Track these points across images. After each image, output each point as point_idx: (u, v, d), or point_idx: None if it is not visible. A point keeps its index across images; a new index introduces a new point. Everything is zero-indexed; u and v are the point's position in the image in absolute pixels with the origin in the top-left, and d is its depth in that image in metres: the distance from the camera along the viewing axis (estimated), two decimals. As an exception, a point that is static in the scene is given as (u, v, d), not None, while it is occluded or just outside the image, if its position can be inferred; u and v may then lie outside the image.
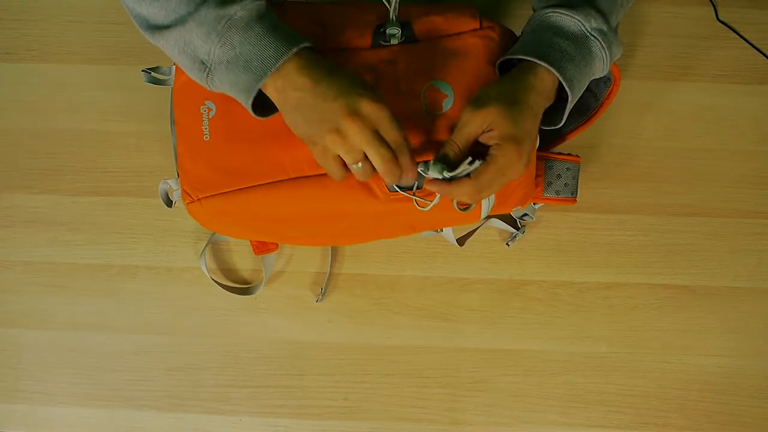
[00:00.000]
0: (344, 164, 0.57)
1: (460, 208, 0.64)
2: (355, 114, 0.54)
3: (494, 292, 0.78)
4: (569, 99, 0.60)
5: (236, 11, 0.56)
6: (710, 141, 0.80)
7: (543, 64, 0.58)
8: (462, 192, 0.58)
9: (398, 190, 0.62)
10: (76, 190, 0.81)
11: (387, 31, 0.64)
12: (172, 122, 0.67)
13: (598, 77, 0.64)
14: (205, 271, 0.77)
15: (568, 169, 0.72)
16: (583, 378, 0.77)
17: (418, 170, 0.58)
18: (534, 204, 0.75)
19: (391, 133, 0.55)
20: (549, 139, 0.77)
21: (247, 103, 0.57)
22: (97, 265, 0.80)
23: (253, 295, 0.78)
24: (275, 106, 0.60)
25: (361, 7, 0.67)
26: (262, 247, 0.76)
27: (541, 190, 0.72)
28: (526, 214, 0.76)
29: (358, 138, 0.54)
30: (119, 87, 0.82)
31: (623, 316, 0.78)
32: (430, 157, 0.59)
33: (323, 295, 0.78)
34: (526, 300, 0.78)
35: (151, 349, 0.79)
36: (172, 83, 0.68)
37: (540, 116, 0.61)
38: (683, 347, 0.77)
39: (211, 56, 0.57)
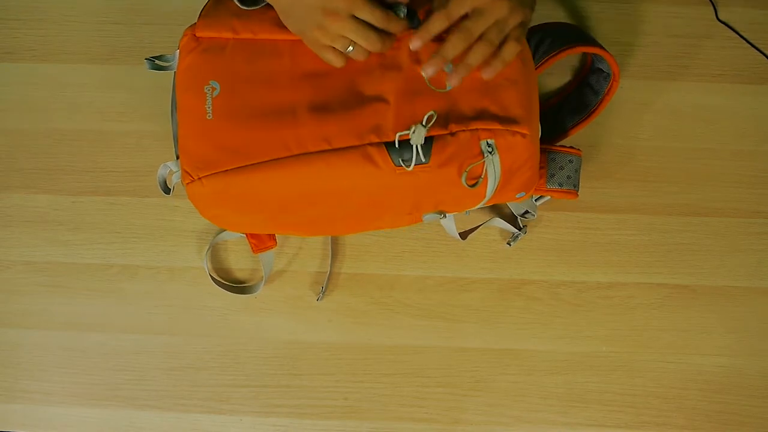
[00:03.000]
0: (337, 50, 0.61)
1: (468, 185, 0.64)
2: (330, 11, 0.58)
3: (494, 291, 0.79)
4: None
5: None
6: (710, 141, 0.80)
7: None
8: (435, 22, 0.59)
9: (402, 164, 0.62)
10: (76, 189, 0.81)
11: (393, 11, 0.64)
12: (174, 108, 0.67)
13: None
14: (207, 271, 0.77)
15: (570, 161, 0.72)
16: (583, 378, 0.77)
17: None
18: (535, 200, 0.75)
19: (368, 14, 0.58)
20: (551, 135, 0.77)
21: None
22: (97, 265, 0.80)
23: (253, 295, 0.78)
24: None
25: None
26: (260, 245, 0.75)
27: (544, 182, 0.72)
28: (527, 212, 0.76)
29: (339, 30, 0.58)
30: (119, 87, 0.82)
31: (623, 315, 0.78)
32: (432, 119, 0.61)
33: (324, 293, 0.78)
34: (526, 299, 0.78)
35: (151, 349, 0.79)
36: (174, 68, 0.68)
37: None
38: (683, 347, 0.78)
39: None
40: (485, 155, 0.62)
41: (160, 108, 0.81)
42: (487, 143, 0.62)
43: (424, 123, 0.60)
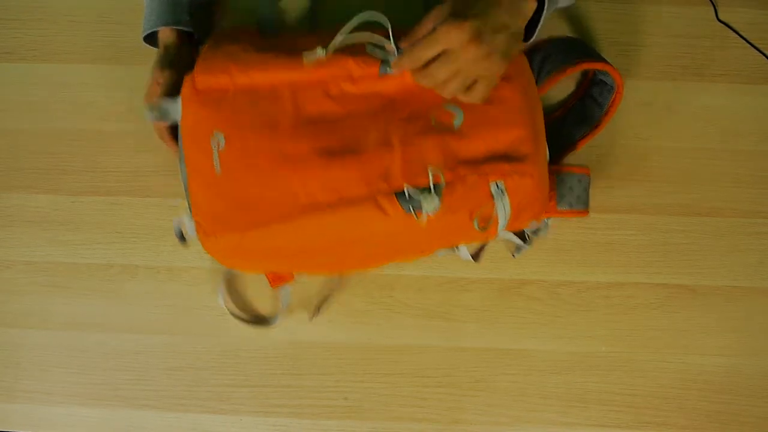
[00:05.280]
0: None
1: (479, 228, 0.64)
2: None
3: (494, 291, 0.79)
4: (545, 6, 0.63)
5: None
6: (710, 141, 0.80)
7: None
8: (404, 61, 0.59)
9: (412, 211, 0.61)
10: (76, 190, 0.81)
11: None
12: (182, 157, 0.66)
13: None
14: (223, 304, 0.77)
15: (579, 181, 0.72)
16: (583, 377, 0.77)
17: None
18: (547, 219, 0.75)
19: None
20: (559, 148, 0.77)
21: None
22: (97, 265, 0.80)
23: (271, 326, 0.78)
24: None
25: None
26: (277, 280, 0.75)
27: (554, 204, 0.72)
28: (539, 229, 0.76)
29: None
30: (119, 87, 0.82)
31: (623, 315, 0.78)
32: (438, 177, 0.60)
33: (317, 314, 0.78)
34: (526, 299, 0.78)
35: (151, 349, 0.79)
36: (178, 117, 0.66)
37: (512, 13, 0.60)
38: (683, 346, 0.78)
39: None
40: (495, 198, 0.62)
41: (160, 108, 0.81)
42: (497, 185, 0.61)
43: (433, 189, 0.60)
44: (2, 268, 0.80)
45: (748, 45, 0.82)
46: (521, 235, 0.77)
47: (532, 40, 0.65)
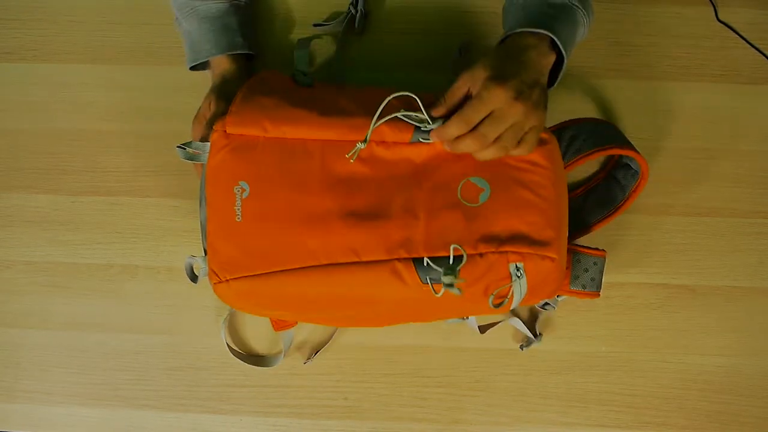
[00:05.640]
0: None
1: (494, 305, 0.63)
2: None
3: (494, 291, 0.78)
4: (565, 55, 0.66)
5: None
6: (710, 141, 0.80)
7: (540, 31, 0.64)
8: (452, 127, 0.60)
9: (429, 282, 0.61)
10: (76, 190, 0.81)
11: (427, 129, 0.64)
12: (203, 199, 0.66)
13: (580, 40, 0.70)
14: (224, 339, 0.76)
15: (594, 263, 0.71)
16: (583, 377, 0.77)
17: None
18: (558, 296, 0.75)
19: None
20: (574, 228, 0.76)
21: None
22: (97, 265, 0.80)
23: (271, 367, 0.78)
24: None
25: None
26: (281, 324, 0.75)
27: (568, 283, 0.71)
28: (547, 303, 0.75)
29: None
30: (119, 87, 0.82)
31: (623, 315, 0.78)
32: (460, 252, 0.60)
33: (311, 359, 0.77)
34: (525, 300, 0.78)
35: (151, 349, 0.79)
36: (205, 160, 0.66)
37: (538, 69, 0.63)
38: (683, 346, 0.78)
39: None
40: (513, 278, 0.61)
41: (160, 108, 0.81)
42: (516, 267, 0.61)
43: (454, 270, 0.59)
44: (2, 268, 0.80)
45: (748, 45, 0.82)
46: (532, 326, 0.77)
47: (554, 86, 0.68)
